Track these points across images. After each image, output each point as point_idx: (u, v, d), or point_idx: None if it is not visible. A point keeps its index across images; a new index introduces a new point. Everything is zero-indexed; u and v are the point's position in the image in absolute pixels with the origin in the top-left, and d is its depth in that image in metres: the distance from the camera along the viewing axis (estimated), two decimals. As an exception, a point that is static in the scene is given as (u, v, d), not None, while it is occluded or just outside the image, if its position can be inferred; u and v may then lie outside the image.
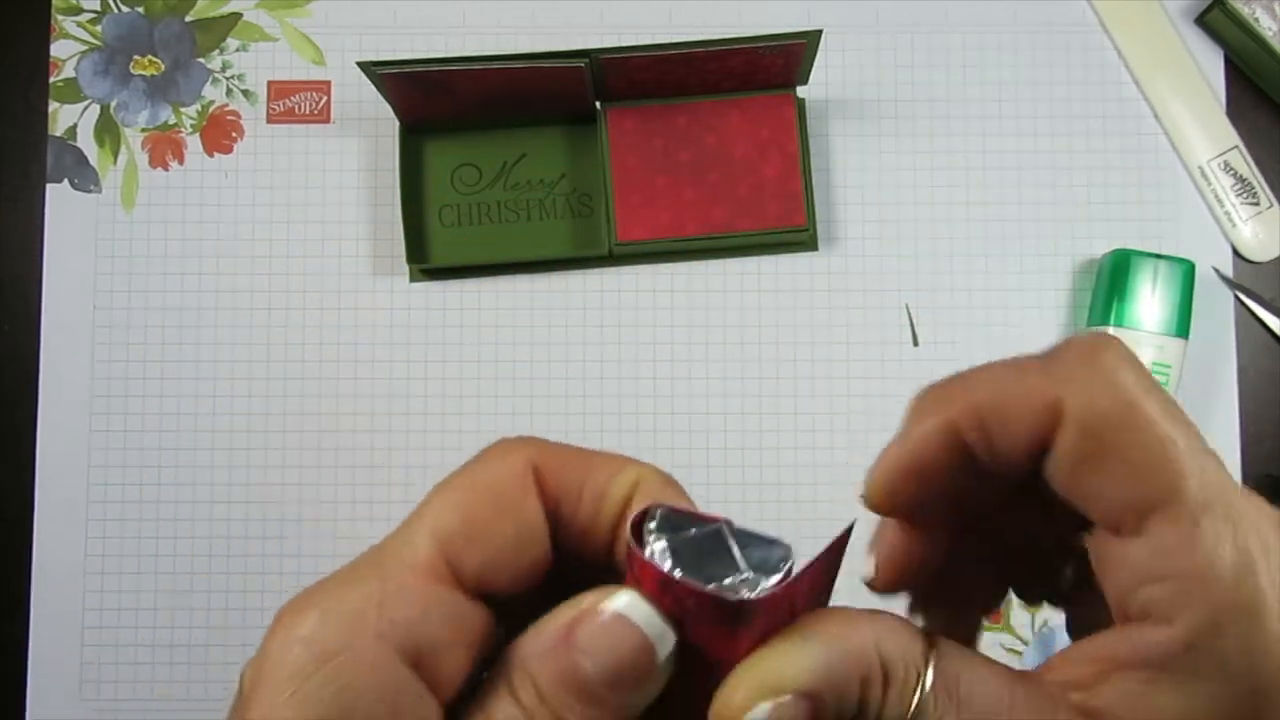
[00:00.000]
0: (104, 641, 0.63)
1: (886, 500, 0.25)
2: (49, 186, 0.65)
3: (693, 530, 0.21)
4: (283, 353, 0.65)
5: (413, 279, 0.65)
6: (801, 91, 0.64)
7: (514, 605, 0.23)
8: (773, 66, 0.60)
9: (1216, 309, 0.65)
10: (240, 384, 0.64)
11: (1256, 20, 0.62)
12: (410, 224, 0.63)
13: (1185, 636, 0.22)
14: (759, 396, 0.64)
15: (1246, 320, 0.65)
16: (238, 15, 0.66)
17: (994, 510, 0.27)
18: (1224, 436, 0.64)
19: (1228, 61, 0.66)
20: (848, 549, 0.23)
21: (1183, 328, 0.61)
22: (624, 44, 0.59)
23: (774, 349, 0.65)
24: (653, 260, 0.65)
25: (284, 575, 0.63)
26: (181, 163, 0.66)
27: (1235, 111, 0.66)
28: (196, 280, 0.65)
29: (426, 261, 0.64)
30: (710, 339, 0.65)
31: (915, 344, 0.65)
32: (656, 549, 0.21)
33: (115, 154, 0.65)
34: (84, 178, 0.65)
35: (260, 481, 0.64)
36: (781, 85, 0.62)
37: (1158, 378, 0.60)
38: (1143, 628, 0.22)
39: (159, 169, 0.66)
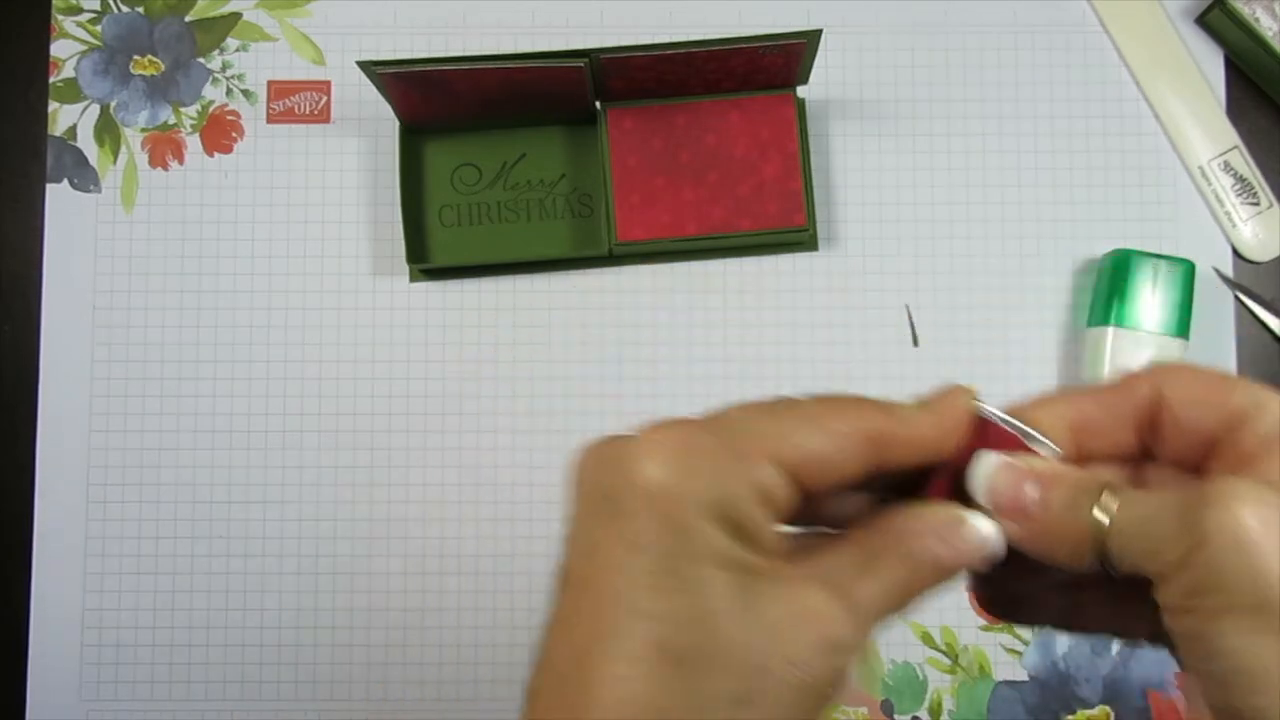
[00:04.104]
0: (104, 641, 0.63)
1: (1065, 432, 0.30)
2: (49, 186, 0.65)
3: None
4: (282, 353, 0.65)
5: (413, 279, 0.65)
6: (801, 91, 0.64)
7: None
8: (773, 66, 0.60)
9: (1216, 309, 0.65)
10: (240, 384, 0.64)
11: (1256, 20, 0.62)
12: (410, 224, 0.63)
13: None
14: (759, 396, 0.64)
15: (1246, 320, 0.65)
16: (238, 15, 0.66)
17: None
18: (1224, 436, 0.64)
19: (1228, 61, 0.66)
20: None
21: (1183, 328, 0.61)
22: (624, 44, 0.59)
23: (774, 349, 0.65)
24: (653, 260, 0.65)
25: (283, 575, 0.63)
26: (181, 163, 0.66)
27: (1235, 111, 0.66)
28: (196, 280, 0.65)
29: (426, 261, 0.64)
30: (710, 339, 0.65)
31: (915, 344, 0.65)
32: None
33: (115, 154, 0.66)
34: (84, 178, 0.65)
35: (260, 481, 0.64)
36: (781, 85, 0.62)
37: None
38: None
39: (159, 169, 0.66)
